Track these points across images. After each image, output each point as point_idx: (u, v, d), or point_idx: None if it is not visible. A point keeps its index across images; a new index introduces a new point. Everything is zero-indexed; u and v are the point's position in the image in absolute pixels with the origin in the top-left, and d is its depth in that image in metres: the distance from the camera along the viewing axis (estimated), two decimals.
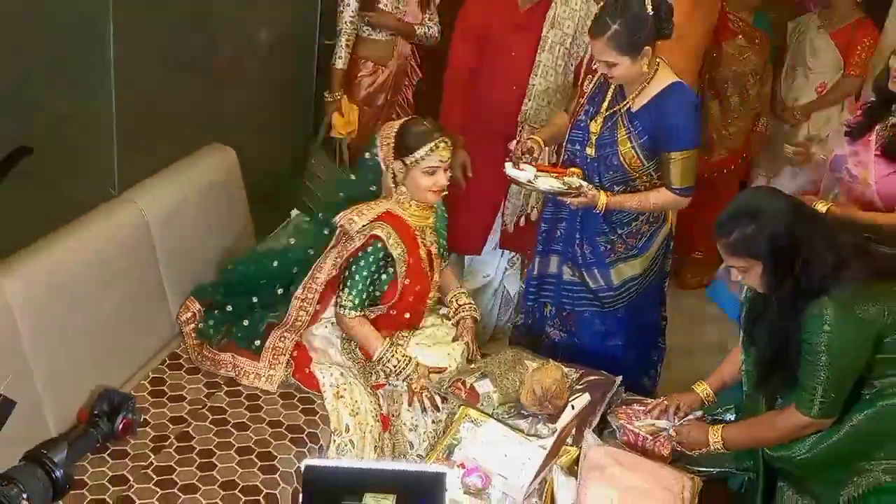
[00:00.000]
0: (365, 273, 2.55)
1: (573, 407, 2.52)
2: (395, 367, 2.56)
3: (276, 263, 2.70)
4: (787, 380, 2.18)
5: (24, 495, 1.19)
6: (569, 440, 2.44)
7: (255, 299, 2.69)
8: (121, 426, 2.05)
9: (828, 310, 1.99)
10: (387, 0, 3.34)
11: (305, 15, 3.46)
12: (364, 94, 3.47)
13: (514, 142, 2.81)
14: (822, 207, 2.60)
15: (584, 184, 2.63)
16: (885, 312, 2.03)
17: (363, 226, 2.53)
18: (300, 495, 1.01)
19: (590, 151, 2.68)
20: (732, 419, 2.45)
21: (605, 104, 2.65)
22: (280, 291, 2.68)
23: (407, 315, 2.70)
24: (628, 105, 2.60)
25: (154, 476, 2.20)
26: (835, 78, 3.93)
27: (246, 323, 2.65)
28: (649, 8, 2.43)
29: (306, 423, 2.53)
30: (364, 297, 2.57)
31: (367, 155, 2.65)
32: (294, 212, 2.98)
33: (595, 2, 3.22)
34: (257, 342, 2.62)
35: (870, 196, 2.66)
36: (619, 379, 2.68)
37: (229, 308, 2.70)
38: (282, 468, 2.33)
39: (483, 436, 2.41)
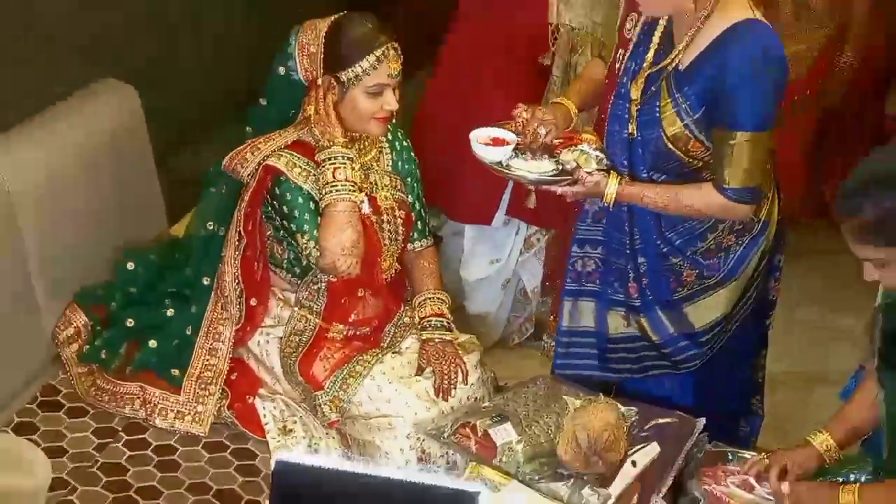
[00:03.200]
0: (306, 206, 2.13)
1: (634, 464, 2.14)
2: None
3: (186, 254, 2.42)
4: None
5: None
6: None
7: (169, 312, 2.35)
8: None
9: None
10: None
11: None
12: None
13: (520, 109, 2.19)
14: None
15: (596, 159, 2.12)
16: None
17: (258, 163, 2.11)
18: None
19: (631, 129, 2.16)
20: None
21: (649, 57, 2.11)
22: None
23: (360, 293, 2.22)
24: (676, 61, 2.06)
25: None
26: None
27: (154, 344, 2.31)
28: None
29: (244, 487, 2.13)
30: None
31: (280, 70, 2.16)
32: None
33: None
34: (175, 370, 2.28)
35: None
36: (701, 421, 2.25)
37: (130, 322, 2.37)
38: None
39: None
